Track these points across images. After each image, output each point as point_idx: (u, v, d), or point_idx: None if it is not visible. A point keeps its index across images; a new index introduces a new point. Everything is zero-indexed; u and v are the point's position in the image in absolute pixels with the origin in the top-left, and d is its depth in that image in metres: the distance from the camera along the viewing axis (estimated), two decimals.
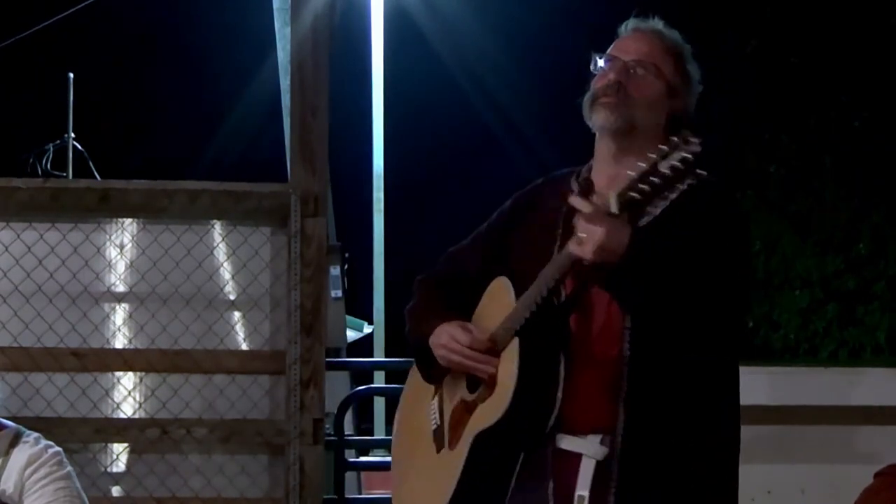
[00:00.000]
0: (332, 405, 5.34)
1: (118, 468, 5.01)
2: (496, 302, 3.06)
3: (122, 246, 5.08)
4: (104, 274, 5.07)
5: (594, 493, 2.92)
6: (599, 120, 3.06)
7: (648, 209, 2.89)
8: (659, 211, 2.90)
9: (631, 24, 3.17)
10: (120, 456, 5.02)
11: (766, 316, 15.97)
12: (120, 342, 5.05)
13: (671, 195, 2.81)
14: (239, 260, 5.10)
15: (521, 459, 3.00)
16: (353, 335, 11.28)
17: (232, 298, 5.10)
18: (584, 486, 2.93)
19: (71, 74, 9.23)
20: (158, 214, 5.05)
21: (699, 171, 2.77)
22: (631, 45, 3.11)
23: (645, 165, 2.76)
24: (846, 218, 16.29)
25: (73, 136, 9.31)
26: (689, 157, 2.72)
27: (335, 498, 5.28)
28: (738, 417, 3.06)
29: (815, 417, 5.84)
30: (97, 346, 5.02)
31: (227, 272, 5.11)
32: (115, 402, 5.01)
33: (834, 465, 5.74)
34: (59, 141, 9.36)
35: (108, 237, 5.08)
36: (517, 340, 2.95)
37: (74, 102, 9.31)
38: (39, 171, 9.23)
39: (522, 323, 2.95)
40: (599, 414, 2.93)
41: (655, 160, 2.75)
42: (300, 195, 5.01)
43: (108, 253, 5.08)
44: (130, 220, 5.09)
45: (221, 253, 5.12)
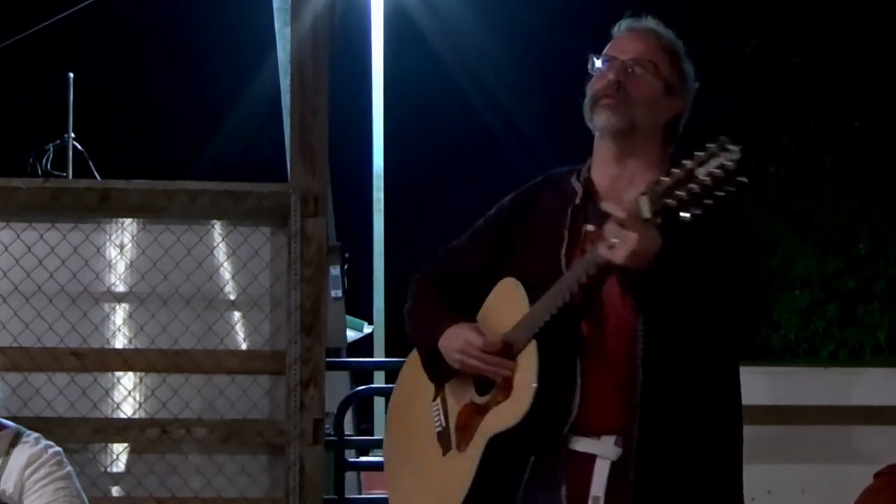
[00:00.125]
0: (332, 405, 5.33)
1: (118, 468, 5.01)
2: (506, 303, 3.04)
3: (122, 246, 5.08)
4: (104, 274, 5.07)
5: (609, 494, 2.93)
6: (601, 121, 3.05)
7: (682, 215, 2.81)
8: (691, 217, 2.81)
9: (625, 24, 3.16)
10: (120, 456, 5.02)
11: (766, 316, 15.96)
12: (120, 342, 5.05)
13: (709, 202, 2.74)
14: (239, 260, 5.10)
15: (531, 461, 3.00)
16: (353, 335, 11.28)
17: (232, 298, 5.10)
18: (599, 487, 2.93)
19: (71, 74, 9.21)
20: (158, 214, 5.05)
21: (740, 178, 2.70)
22: (627, 44, 3.10)
23: (680, 172, 2.72)
24: (846, 218, 16.28)
25: (73, 136, 9.29)
26: (729, 164, 2.68)
27: (335, 498, 5.28)
28: (741, 416, 3.08)
29: (815, 417, 5.84)
30: (97, 346, 5.02)
31: (227, 272, 5.11)
32: (115, 402, 5.01)
33: (834, 465, 5.74)
34: (59, 141, 9.34)
35: (108, 237, 5.08)
36: (534, 343, 2.94)
37: (74, 102, 9.29)
38: (39, 171, 9.22)
39: (541, 326, 2.94)
40: (613, 415, 2.94)
41: (692, 166, 2.71)
42: (300, 195, 5.01)
43: (108, 253, 5.08)
44: (130, 220, 5.09)
45: (221, 253, 5.12)
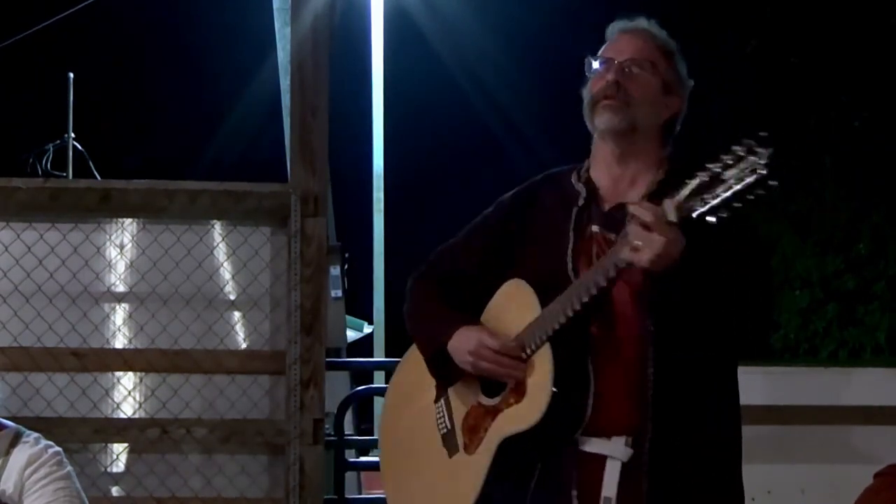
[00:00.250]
0: (332, 405, 5.33)
1: (118, 468, 5.01)
2: (514, 304, 3.03)
3: (122, 246, 5.08)
4: (104, 274, 5.07)
5: (621, 494, 2.93)
6: (604, 122, 3.06)
7: (708, 220, 2.79)
8: (716, 220, 2.79)
9: (618, 25, 3.16)
10: (120, 456, 5.01)
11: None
12: (120, 342, 5.05)
13: (737, 205, 2.73)
14: (239, 260, 5.10)
15: (540, 463, 2.99)
16: (353, 335, 11.29)
17: (232, 298, 5.09)
18: (610, 488, 2.93)
19: (71, 74, 9.21)
20: (158, 214, 5.05)
21: (771, 182, 2.70)
22: (624, 45, 3.11)
23: (706, 175, 2.72)
24: (846, 218, 16.28)
25: (73, 136, 9.30)
26: (760, 169, 2.67)
27: (335, 498, 5.28)
28: (740, 415, 3.10)
29: (815, 417, 5.84)
30: (97, 346, 5.01)
31: (227, 272, 5.11)
32: (115, 402, 5.01)
33: (834, 465, 5.74)
34: (59, 141, 9.34)
35: (108, 237, 5.08)
36: (548, 345, 2.93)
37: (74, 102, 9.29)
38: (39, 171, 9.22)
39: (556, 328, 2.93)
40: (624, 416, 2.94)
41: (718, 171, 2.70)
42: (300, 195, 5.01)
43: (108, 253, 5.08)
44: (130, 220, 5.09)
45: (221, 253, 5.11)
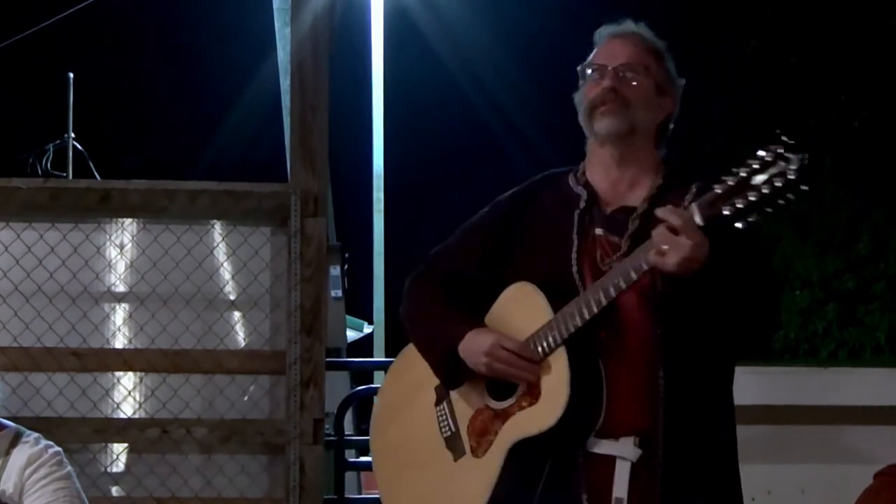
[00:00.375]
0: (332, 405, 5.33)
1: (118, 468, 5.01)
2: (524, 307, 3.02)
3: (122, 246, 5.08)
4: (104, 274, 5.07)
5: (632, 494, 2.94)
6: (604, 127, 3.06)
7: (736, 225, 2.78)
8: (742, 224, 2.78)
9: (607, 30, 3.17)
10: (120, 456, 5.01)
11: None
12: (120, 342, 5.04)
13: (769, 210, 2.72)
14: (239, 260, 5.10)
15: (548, 466, 2.99)
16: (353, 335, 11.30)
17: (232, 298, 5.09)
18: (621, 488, 2.94)
19: (71, 74, 9.21)
20: (158, 214, 5.05)
21: (803, 186, 2.68)
22: (615, 50, 3.11)
23: (731, 180, 2.72)
24: (846, 218, 16.29)
25: (73, 136, 9.30)
26: (791, 174, 2.66)
27: (335, 498, 5.28)
28: (735, 415, 3.13)
29: (815, 417, 5.83)
30: (97, 346, 5.01)
31: (227, 272, 5.11)
32: (115, 402, 5.01)
33: (834, 465, 5.73)
34: (59, 141, 9.35)
35: (108, 237, 5.08)
36: (563, 348, 2.94)
37: (74, 102, 9.30)
38: (39, 171, 9.22)
39: (572, 330, 2.93)
40: (632, 417, 2.95)
41: (746, 175, 2.70)
42: (300, 195, 5.01)
43: (108, 253, 5.08)
44: (130, 220, 5.08)
45: (221, 253, 5.11)
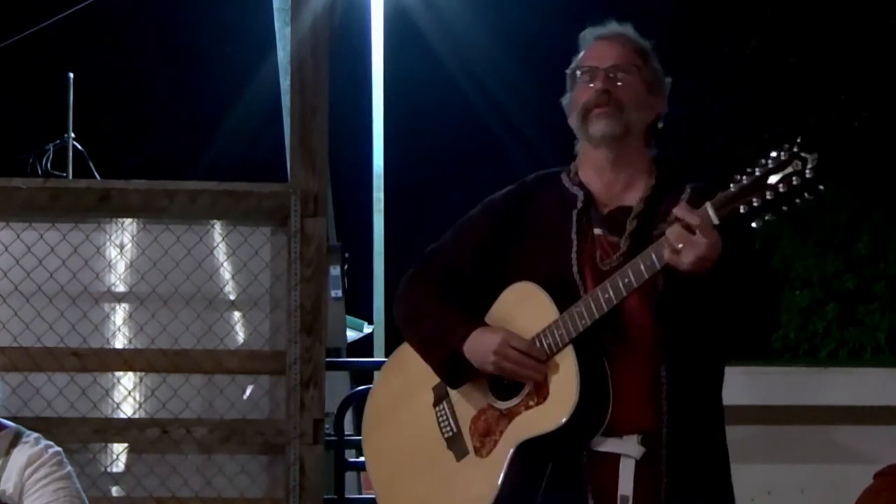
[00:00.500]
0: (332, 405, 5.33)
1: (118, 468, 5.01)
2: (529, 306, 3.02)
3: (122, 246, 5.08)
4: (104, 274, 5.07)
5: (637, 492, 2.94)
6: (599, 129, 3.06)
7: (752, 225, 2.80)
8: (755, 224, 2.81)
9: (594, 32, 3.16)
10: (120, 456, 5.01)
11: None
12: (120, 342, 5.04)
13: (785, 208, 2.75)
14: (239, 260, 5.09)
15: (551, 465, 2.99)
16: (353, 335, 11.30)
17: (232, 298, 5.09)
18: (626, 486, 2.95)
19: (71, 74, 9.22)
20: (158, 214, 5.05)
21: (820, 186, 2.71)
22: (604, 52, 3.11)
23: (746, 180, 2.73)
24: (846, 218, 16.29)
25: (73, 136, 9.30)
26: (807, 174, 2.69)
27: (335, 498, 5.28)
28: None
29: (814, 417, 5.83)
30: (97, 346, 5.01)
31: (227, 272, 5.11)
32: (115, 402, 5.01)
33: (834, 465, 5.73)
34: (59, 141, 9.35)
35: (108, 237, 5.08)
36: (571, 347, 2.94)
37: (74, 102, 9.30)
38: (39, 171, 9.23)
39: (581, 330, 2.93)
40: (636, 416, 2.96)
41: (762, 175, 2.71)
42: (300, 195, 5.01)
43: (108, 253, 5.07)
44: (130, 220, 5.08)
45: (221, 253, 5.11)
